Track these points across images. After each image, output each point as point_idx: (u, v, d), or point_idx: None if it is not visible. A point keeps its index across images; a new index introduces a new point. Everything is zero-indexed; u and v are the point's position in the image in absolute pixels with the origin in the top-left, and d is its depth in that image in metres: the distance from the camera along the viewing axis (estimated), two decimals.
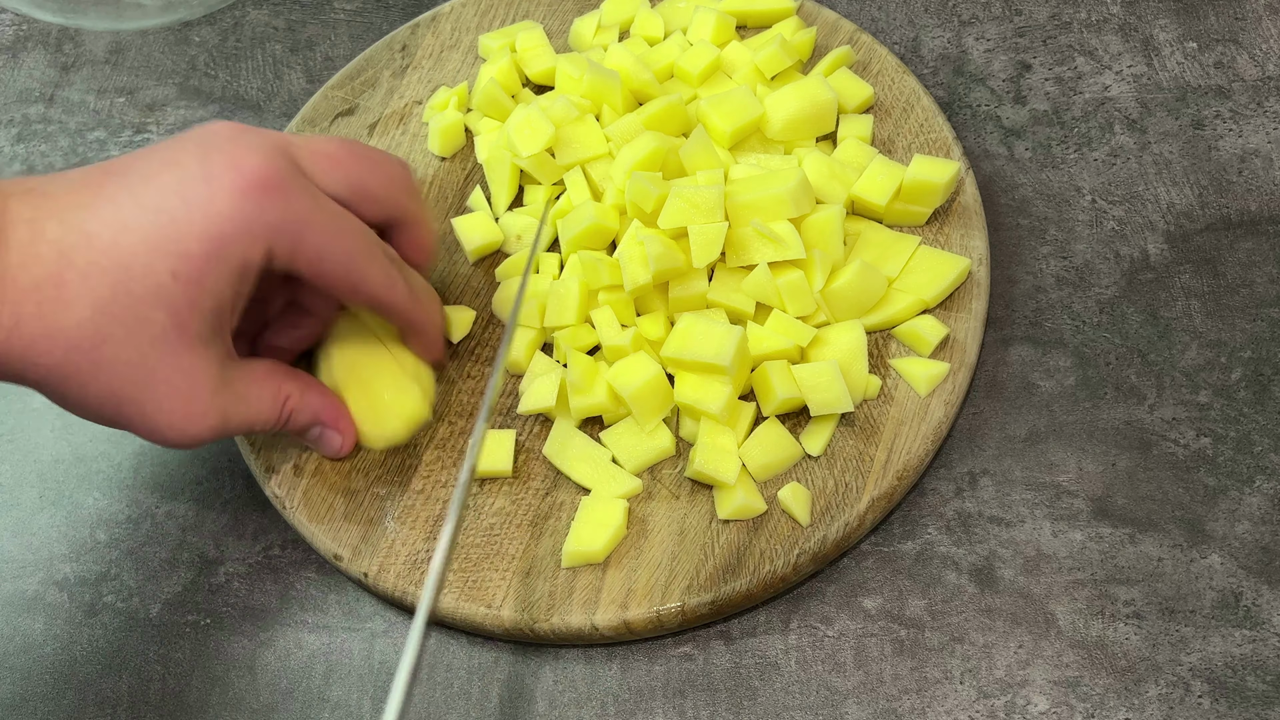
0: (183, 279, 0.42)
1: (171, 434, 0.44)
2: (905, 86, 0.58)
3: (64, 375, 0.42)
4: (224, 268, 0.42)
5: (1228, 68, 0.60)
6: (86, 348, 0.41)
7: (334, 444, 0.51)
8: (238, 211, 0.42)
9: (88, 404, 0.43)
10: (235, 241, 0.42)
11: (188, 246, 0.42)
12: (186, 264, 0.42)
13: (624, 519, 0.49)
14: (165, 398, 0.43)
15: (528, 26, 0.63)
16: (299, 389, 0.49)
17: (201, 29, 0.71)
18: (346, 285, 0.46)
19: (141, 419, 0.44)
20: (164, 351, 0.43)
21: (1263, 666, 0.46)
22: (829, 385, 0.49)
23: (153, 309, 0.42)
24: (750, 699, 0.47)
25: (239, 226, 0.42)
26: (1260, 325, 0.53)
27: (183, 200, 0.42)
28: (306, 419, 0.50)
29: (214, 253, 0.42)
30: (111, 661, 0.52)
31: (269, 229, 0.43)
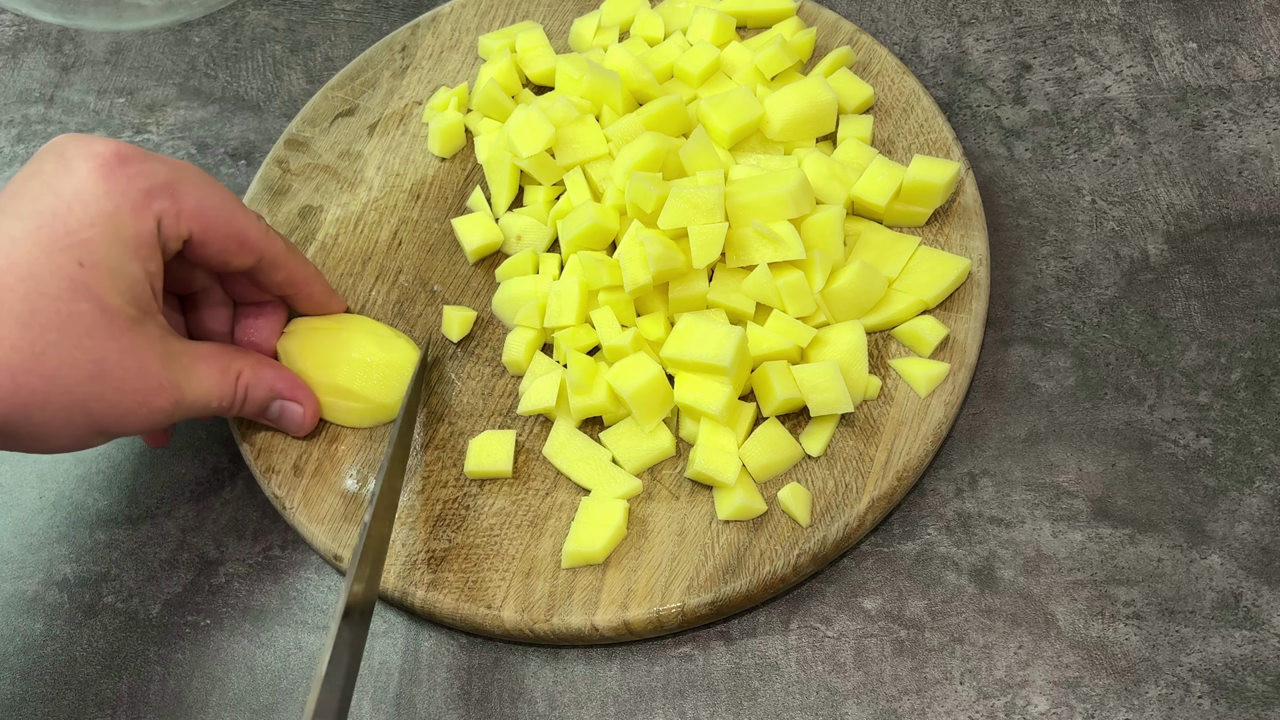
0: (90, 264, 0.43)
1: (141, 411, 0.45)
2: (905, 87, 0.58)
3: (23, 404, 0.42)
4: (122, 244, 0.44)
5: (1228, 68, 0.60)
6: (30, 366, 0.42)
7: (296, 416, 0.51)
8: (111, 187, 0.44)
9: (55, 422, 0.43)
10: (122, 215, 0.44)
11: (81, 234, 0.43)
12: (88, 250, 0.43)
13: (624, 519, 0.49)
14: (121, 380, 0.44)
15: (528, 27, 0.63)
16: (250, 364, 0.50)
17: (201, 29, 0.71)
18: (233, 238, 0.48)
19: (111, 410, 0.44)
20: (102, 338, 0.43)
21: (1263, 667, 0.46)
22: (829, 386, 0.49)
23: (75, 303, 0.42)
24: (750, 699, 0.47)
25: (118, 201, 0.44)
26: (1260, 325, 0.53)
27: (56, 195, 0.43)
28: (263, 393, 0.50)
29: (108, 232, 0.43)
30: (111, 661, 0.52)
31: (146, 194, 0.44)
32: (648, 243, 0.50)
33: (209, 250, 0.48)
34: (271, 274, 0.51)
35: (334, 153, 0.62)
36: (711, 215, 0.50)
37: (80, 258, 0.43)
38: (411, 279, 0.57)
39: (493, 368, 0.55)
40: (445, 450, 0.53)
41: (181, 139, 0.66)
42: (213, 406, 0.48)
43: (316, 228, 0.59)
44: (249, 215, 0.49)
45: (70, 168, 0.44)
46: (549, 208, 0.57)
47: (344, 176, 0.61)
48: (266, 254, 0.50)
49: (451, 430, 0.53)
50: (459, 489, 0.52)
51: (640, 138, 0.54)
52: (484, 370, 0.55)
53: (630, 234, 0.52)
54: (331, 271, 0.58)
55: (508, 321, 0.55)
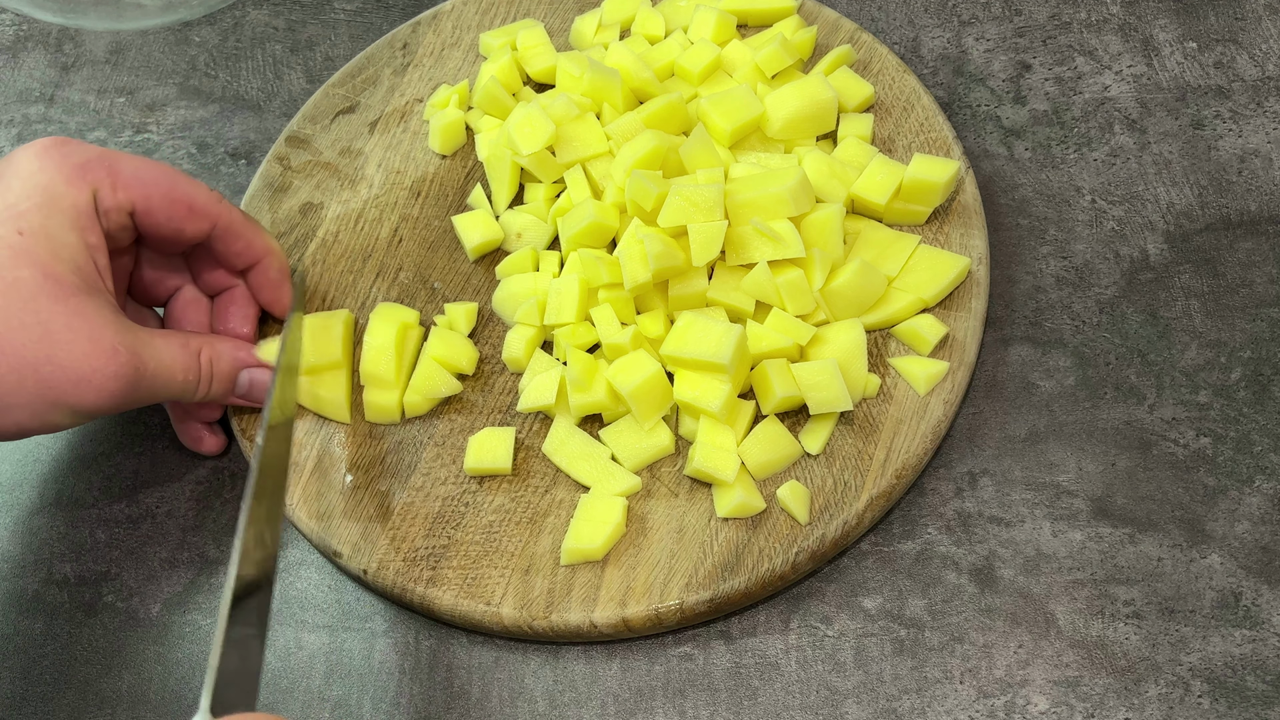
0: (29, 233, 0.44)
1: (96, 379, 0.44)
2: (905, 86, 0.58)
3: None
4: (61, 215, 0.44)
5: (1228, 68, 0.60)
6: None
7: (264, 381, 0.52)
8: (45, 163, 0.45)
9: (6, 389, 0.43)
10: (57, 187, 0.45)
11: (19, 206, 0.44)
12: (27, 220, 0.44)
13: (623, 517, 0.49)
14: (72, 342, 0.44)
15: (528, 25, 0.63)
16: (209, 340, 0.50)
17: (201, 29, 0.71)
18: (179, 203, 0.48)
19: (63, 375, 0.44)
20: (45, 301, 0.43)
21: (1262, 666, 0.46)
22: (828, 384, 0.49)
23: (16, 269, 0.43)
24: (750, 699, 0.47)
25: (52, 174, 0.45)
26: (1260, 325, 0.53)
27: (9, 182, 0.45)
28: (227, 364, 0.50)
29: (46, 203, 0.44)
30: (111, 661, 0.52)
31: (80, 168, 0.45)
32: (648, 241, 0.50)
33: (158, 218, 0.48)
34: (231, 243, 0.51)
35: (335, 150, 0.62)
36: (711, 213, 0.50)
37: (19, 227, 0.44)
38: (412, 276, 0.57)
39: (492, 365, 0.55)
40: (444, 447, 0.53)
41: (181, 138, 0.66)
42: (178, 380, 0.48)
43: (317, 225, 0.59)
44: (195, 183, 0.49)
45: (10, 157, 0.45)
46: (549, 205, 0.57)
47: (345, 174, 0.61)
48: (220, 219, 0.50)
49: (451, 428, 0.53)
50: (458, 486, 0.52)
51: (640, 136, 0.54)
52: (484, 369, 0.55)
53: (630, 232, 0.52)
54: (332, 269, 0.58)
55: (508, 319, 0.55)
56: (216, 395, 0.51)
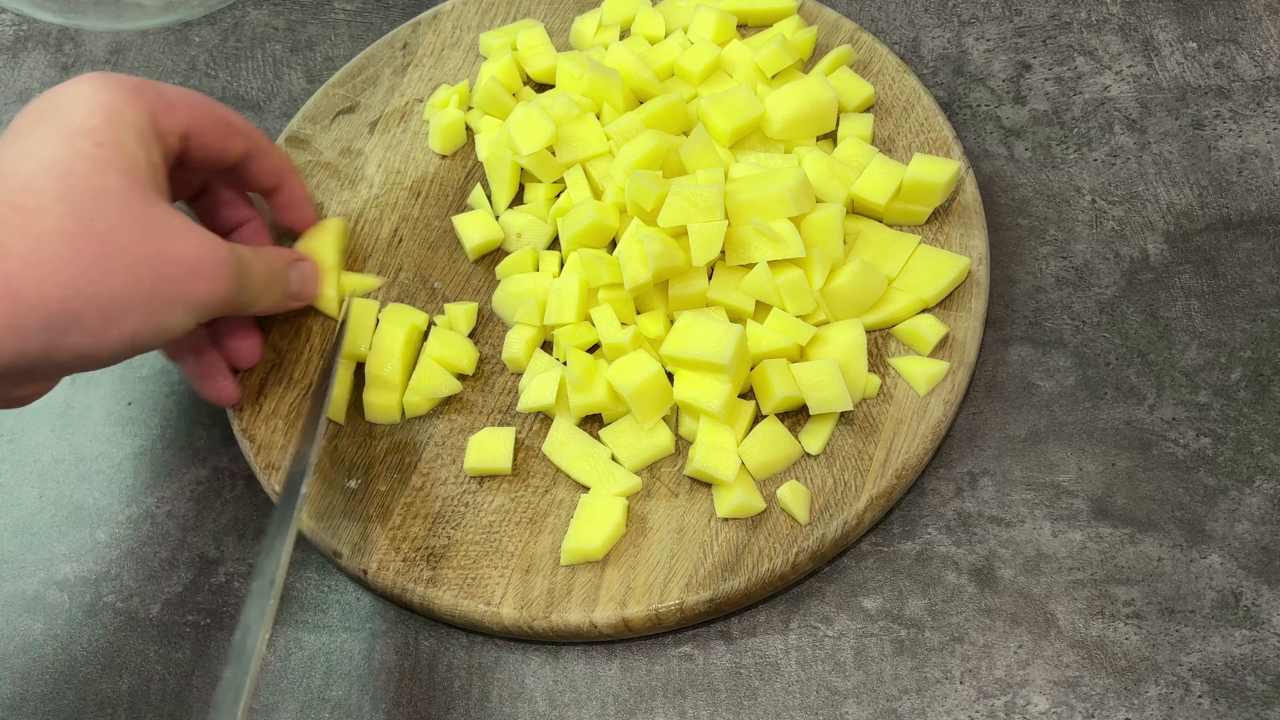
0: (106, 144, 0.44)
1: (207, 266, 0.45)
2: (905, 86, 0.58)
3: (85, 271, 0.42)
4: (126, 128, 0.45)
5: (1228, 68, 0.60)
6: (82, 231, 0.42)
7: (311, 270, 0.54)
8: (101, 85, 0.45)
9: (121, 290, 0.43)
10: (120, 105, 0.45)
11: (90, 123, 0.44)
12: (101, 134, 0.44)
13: (623, 517, 0.49)
14: (177, 236, 0.45)
15: (529, 25, 0.63)
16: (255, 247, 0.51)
17: (201, 29, 0.71)
18: (223, 123, 0.50)
19: (176, 268, 0.44)
20: (139, 201, 0.44)
21: (1262, 666, 0.46)
22: (828, 384, 0.49)
23: (104, 175, 0.43)
24: (750, 699, 0.47)
25: (112, 95, 0.45)
26: (1260, 325, 0.53)
27: (57, 107, 0.45)
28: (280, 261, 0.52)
29: (112, 117, 0.45)
30: (111, 661, 0.52)
31: (135, 90, 0.46)
32: (648, 241, 0.50)
33: (208, 139, 0.49)
34: (263, 161, 0.53)
35: (335, 150, 0.62)
36: (711, 213, 0.50)
37: (95, 140, 0.44)
38: (412, 276, 0.57)
39: (492, 365, 0.55)
40: (444, 447, 0.53)
41: None
42: (260, 274, 0.49)
43: None
44: (225, 106, 0.51)
45: (58, 89, 0.46)
46: (549, 205, 0.57)
47: (345, 174, 0.61)
48: (254, 137, 0.52)
49: (451, 427, 0.53)
50: (458, 486, 0.52)
51: (640, 136, 0.54)
52: (484, 367, 0.55)
53: (630, 232, 0.52)
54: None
55: (508, 319, 0.55)
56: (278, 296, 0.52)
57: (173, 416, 0.58)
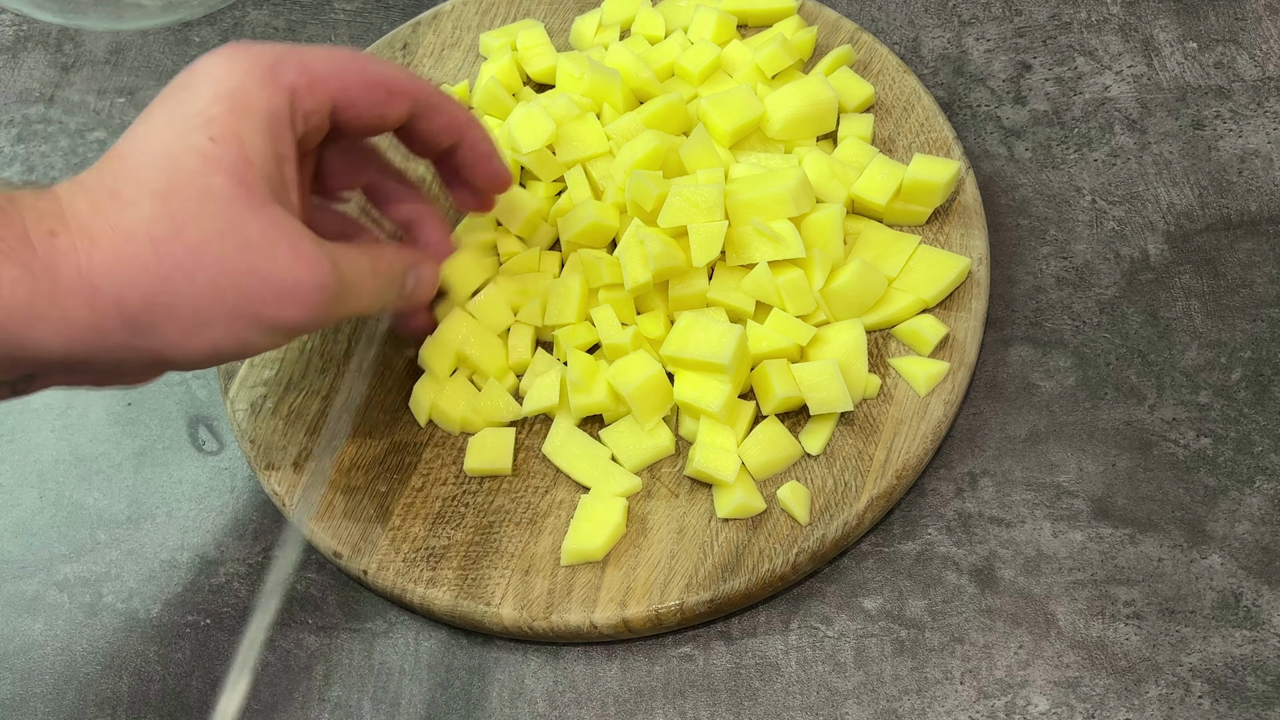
0: (221, 140, 0.41)
1: (299, 290, 0.41)
2: (906, 86, 0.58)
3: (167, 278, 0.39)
4: (253, 120, 0.42)
5: (1228, 68, 0.60)
6: (171, 235, 0.39)
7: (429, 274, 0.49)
8: (235, 66, 0.42)
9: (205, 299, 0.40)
10: (249, 90, 0.42)
11: (210, 112, 0.41)
12: (218, 126, 0.41)
13: (623, 517, 0.49)
14: (272, 252, 0.41)
15: (529, 25, 0.63)
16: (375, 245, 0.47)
17: (201, 29, 0.71)
18: (377, 86, 0.45)
19: (265, 287, 0.41)
20: (243, 209, 0.41)
21: (1263, 667, 0.46)
22: (828, 384, 0.49)
23: (210, 176, 0.40)
24: (751, 699, 0.47)
25: (243, 77, 0.42)
26: (1260, 325, 0.53)
27: (185, 86, 0.42)
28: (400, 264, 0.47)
29: (237, 108, 0.41)
30: (111, 662, 0.52)
31: (271, 69, 0.42)
32: (648, 241, 0.50)
33: (359, 109, 0.45)
34: (434, 119, 0.47)
35: None
36: (711, 214, 0.50)
37: (210, 134, 0.41)
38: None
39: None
40: (444, 448, 0.53)
41: None
42: (369, 288, 0.45)
43: None
44: (383, 61, 0.45)
45: (195, 64, 0.43)
46: (549, 205, 0.57)
47: None
48: (419, 94, 0.46)
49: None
50: (458, 486, 0.52)
51: (640, 136, 0.54)
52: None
53: (630, 232, 0.52)
54: None
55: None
56: (388, 302, 0.47)
57: (173, 416, 0.58)
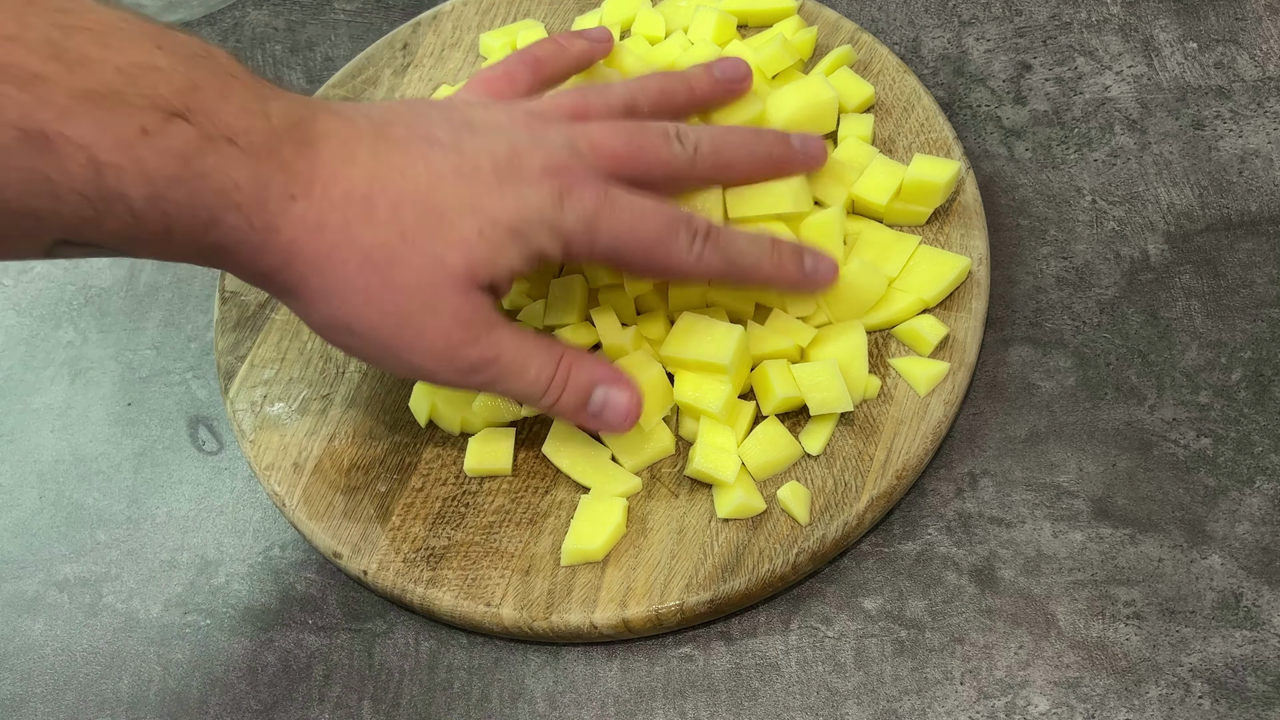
0: (486, 239, 0.43)
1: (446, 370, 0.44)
2: (906, 86, 0.58)
3: (352, 289, 0.42)
4: (523, 247, 0.43)
5: (1228, 68, 0.60)
6: (381, 265, 0.41)
7: (621, 406, 0.47)
8: (544, 202, 0.44)
9: (364, 322, 0.42)
10: (539, 231, 0.44)
11: (498, 216, 0.43)
12: (494, 229, 0.43)
13: (623, 517, 0.49)
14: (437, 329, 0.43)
15: (529, 25, 0.63)
16: (571, 350, 0.47)
17: (201, 29, 0.71)
18: (650, 270, 0.48)
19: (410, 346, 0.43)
20: (451, 288, 0.43)
21: (1263, 667, 0.46)
22: (829, 385, 0.49)
23: (451, 249, 0.42)
24: (751, 700, 0.47)
25: (543, 218, 0.44)
26: (1260, 326, 0.53)
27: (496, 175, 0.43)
28: (585, 377, 0.47)
29: (520, 231, 0.43)
30: (111, 662, 0.52)
31: (566, 227, 0.44)
32: None
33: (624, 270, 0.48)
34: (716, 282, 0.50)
35: None
36: (711, 212, 0.50)
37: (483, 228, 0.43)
38: None
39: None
40: (444, 448, 0.53)
41: None
42: (527, 378, 0.46)
43: None
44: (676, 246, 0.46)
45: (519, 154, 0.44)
46: None
47: None
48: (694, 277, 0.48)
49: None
50: (458, 486, 0.52)
51: None
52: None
53: None
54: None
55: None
56: (565, 409, 0.47)
57: (173, 416, 0.58)
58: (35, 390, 0.59)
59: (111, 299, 0.62)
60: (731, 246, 0.48)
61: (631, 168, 0.47)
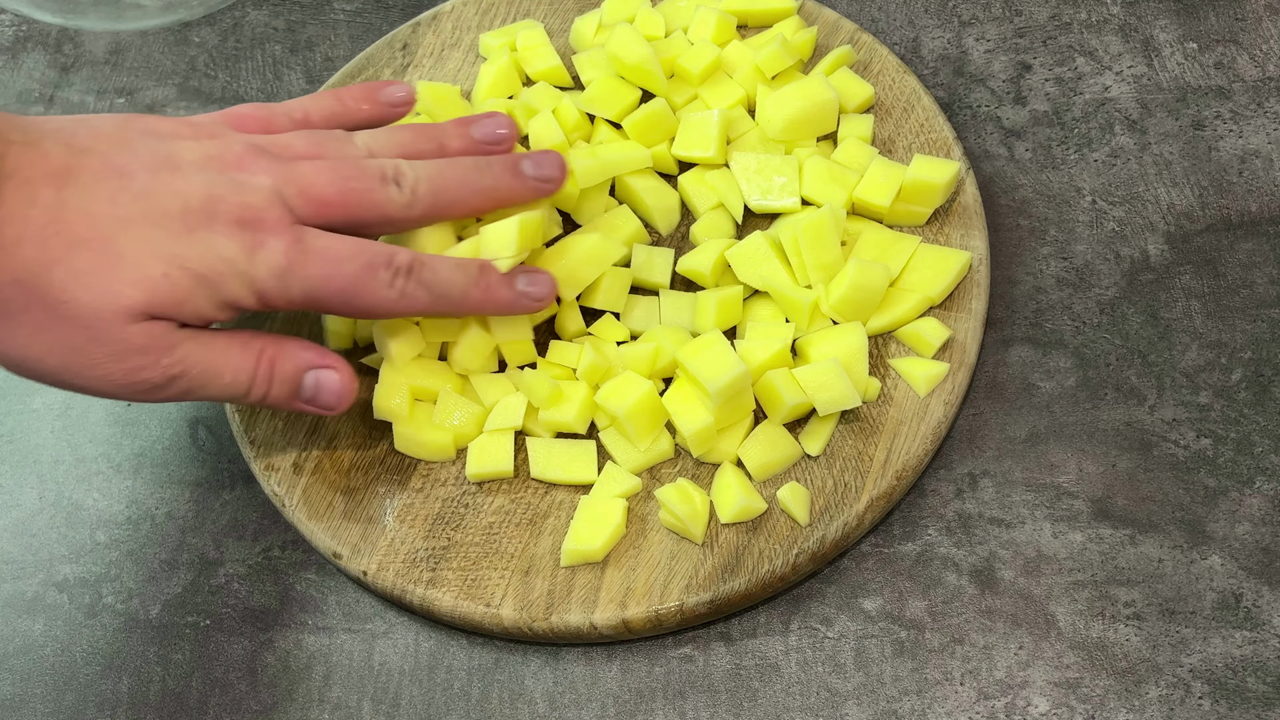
0: (172, 282, 0.43)
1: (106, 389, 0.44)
2: (906, 86, 0.58)
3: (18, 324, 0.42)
4: (212, 294, 0.44)
5: (1228, 68, 0.60)
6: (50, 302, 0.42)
7: (333, 385, 0.48)
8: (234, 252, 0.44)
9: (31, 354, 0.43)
10: (229, 281, 0.44)
11: (185, 262, 0.43)
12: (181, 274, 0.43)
13: (623, 518, 0.49)
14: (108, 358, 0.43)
15: (528, 25, 0.63)
16: (273, 341, 0.47)
17: (201, 29, 0.71)
18: (353, 312, 0.47)
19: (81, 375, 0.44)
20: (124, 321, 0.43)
21: (1263, 668, 0.46)
22: (833, 384, 0.48)
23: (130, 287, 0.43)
24: (750, 700, 0.47)
25: (234, 269, 0.44)
26: (1260, 326, 0.53)
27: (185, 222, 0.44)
28: (291, 366, 0.47)
29: (208, 279, 0.44)
30: (111, 663, 0.52)
31: (258, 278, 0.44)
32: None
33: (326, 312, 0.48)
34: None
35: None
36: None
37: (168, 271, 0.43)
38: None
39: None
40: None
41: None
42: (224, 381, 0.46)
43: None
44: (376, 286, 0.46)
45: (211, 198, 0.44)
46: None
47: None
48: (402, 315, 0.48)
49: None
50: (458, 487, 0.52)
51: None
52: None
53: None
54: None
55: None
56: (277, 401, 0.47)
57: (173, 417, 0.58)
58: (35, 390, 0.59)
59: None
60: (435, 277, 0.47)
61: (344, 213, 0.46)
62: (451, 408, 0.52)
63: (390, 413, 0.51)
